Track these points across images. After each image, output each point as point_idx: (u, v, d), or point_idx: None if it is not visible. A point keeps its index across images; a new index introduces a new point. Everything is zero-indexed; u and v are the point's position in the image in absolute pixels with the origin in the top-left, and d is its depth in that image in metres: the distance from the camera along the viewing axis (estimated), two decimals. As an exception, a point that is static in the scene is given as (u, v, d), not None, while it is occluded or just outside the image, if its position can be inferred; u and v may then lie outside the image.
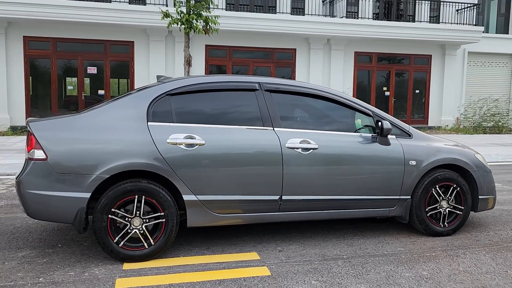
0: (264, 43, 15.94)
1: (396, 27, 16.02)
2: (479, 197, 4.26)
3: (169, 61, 15.20)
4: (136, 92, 3.68)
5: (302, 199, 3.78)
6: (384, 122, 3.88)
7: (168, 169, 3.45)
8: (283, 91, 3.92)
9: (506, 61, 18.69)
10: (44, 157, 3.30)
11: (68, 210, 3.34)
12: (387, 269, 3.39)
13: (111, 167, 3.34)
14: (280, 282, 3.14)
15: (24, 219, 4.64)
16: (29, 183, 3.30)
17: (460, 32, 16.55)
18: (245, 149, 3.63)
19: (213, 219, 3.63)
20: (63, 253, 3.66)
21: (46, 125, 3.42)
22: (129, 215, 3.42)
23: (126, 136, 3.43)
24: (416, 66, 17.51)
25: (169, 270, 3.32)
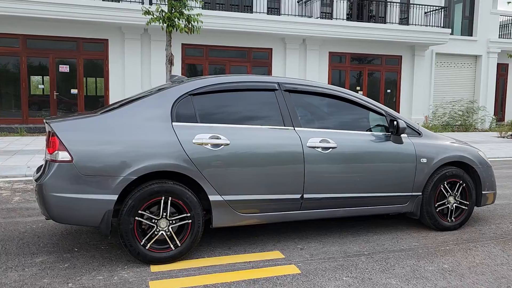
0: (241, 43, 15.95)
1: (368, 28, 16.41)
2: (482, 193, 4.47)
3: (145, 60, 14.95)
4: (158, 92, 3.63)
5: (322, 198, 3.84)
6: (399, 122, 4.01)
7: (194, 169, 3.43)
8: (301, 91, 3.97)
9: (470, 62, 19.53)
10: (69, 158, 3.20)
11: (95, 213, 3.25)
12: (410, 264, 3.51)
13: (138, 168, 3.29)
14: (312, 279, 3.18)
15: (27, 223, 4.48)
16: (54, 186, 3.20)
17: (429, 33, 17.15)
18: (269, 149, 3.65)
19: (238, 219, 3.64)
20: (83, 257, 3.56)
21: (70, 126, 3.32)
22: (155, 217, 3.37)
23: (152, 136, 3.38)
24: (388, 66, 18.01)
25: (199, 271, 3.30)
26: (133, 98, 3.74)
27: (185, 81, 3.75)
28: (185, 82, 3.73)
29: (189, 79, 3.82)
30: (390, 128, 4.09)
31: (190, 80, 3.76)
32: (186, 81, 3.75)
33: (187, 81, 3.75)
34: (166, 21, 10.47)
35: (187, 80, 3.77)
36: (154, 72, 14.96)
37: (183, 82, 3.74)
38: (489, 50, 19.25)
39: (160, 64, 15.00)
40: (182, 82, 3.74)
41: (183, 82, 3.73)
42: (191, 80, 3.75)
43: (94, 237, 4.05)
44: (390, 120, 4.09)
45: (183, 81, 3.80)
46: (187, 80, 3.76)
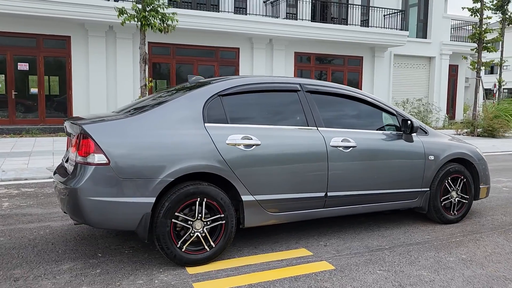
0: (208, 42, 15.87)
1: (331, 29, 16.84)
2: (480, 187, 4.79)
3: (110, 58, 14.52)
4: (186, 93, 3.60)
5: (344, 195, 3.97)
6: (413, 121, 4.22)
7: (228, 170, 3.45)
8: (321, 92, 4.08)
9: (425, 63, 20.54)
10: (106, 161, 3.12)
11: (132, 216, 3.19)
12: (431, 255, 3.71)
13: (175, 170, 3.26)
14: (349, 274, 3.30)
15: (32, 230, 4.29)
16: (90, 190, 3.10)
17: (388, 35, 17.86)
18: (296, 149, 3.73)
19: (267, 218, 3.69)
20: (111, 262, 3.48)
21: (104, 128, 3.23)
22: (191, 218, 3.36)
23: (188, 138, 3.37)
24: (350, 66, 18.58)
25: (237, 271, 3.33)
26: (159, 100, 3.70)
27: (212, 82, 3.74)
28: (213, 82, 3.72)
29: (218, 79, 3.82)
30: (403, 127, 4.30)
31: (218, 81, 3.76)
32: (214, 81, 3.75)
33: (214, 81, 3.75)
34: (141, 20, 10.24)
35: (214, 81, 3.77)
36: (121, 71, 14.58)
37: (211, 83, 3.73)
38: (441, 52, 20.32)
39: (126, 62, 14.65)
40: (210, 83, 3.73)
41: (211, 83, 3.72)
42: (219, 81, 3.75)
43: (112, 241, 3.96)
44: (403, 120, 4.30)
45: (210, 82, 3.78)
46: (215, 81, 3.76)
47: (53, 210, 5.07)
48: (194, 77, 4.17)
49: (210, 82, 3.75)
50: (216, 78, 4.01)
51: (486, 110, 15.84)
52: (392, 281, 3.19)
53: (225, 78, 3.85)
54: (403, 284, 3.14)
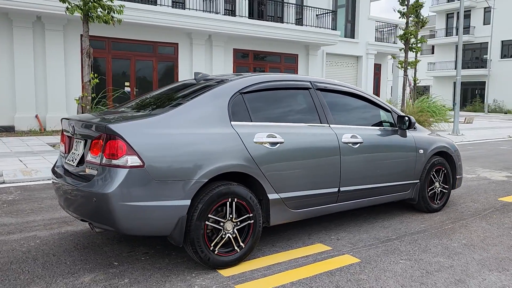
0: (146, 36, 15.32)
1: (268, 27, 17.11)
2: (456, 177, 5.20)
3: (39, 52, 13.42)
4: (209, 90, 3.48)
5: (353, 190, 4.10)
6: (411, 117, 4.46)
7: (256, 169, 3.40)
8: (329, 90, 4.17)
9: (352, 62, 21.65)
10: (140, 163, 2.93)
11: (167, 221, 3.03)
12: (437, 243, 3.97)
13: (209, 170, 3.15)
14: (377, 265, 3.43)
15: (20, 241, 3.89)
16: (123, 195, 2.89)
17: (322, 35, 18.56)
18: (314, 146, 3.79)
19: (289, 216, 3.71)
20: (133, 270, 3.27)
21: (134, 128, 3.02)
22: (222, 220, 3.27)
23: (218, 137, 3.27)
24: (286, 64, 19.01)
25: (271, 270, 3.30)
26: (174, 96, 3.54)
27: (231, 79, 3.65)
28: (232, 79, 3.64)
29: (238, 76, 3.73)
30: (399, 123, 4.53)
31: (235, 78, 3.67)
32: (235, 78, 3.66)
33: (235, 78, 3.66)
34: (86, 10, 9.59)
35: (232, 78, 3.68)
36: (51, 66, 13.55)
37: (230, 80, 3.64)
38: (367, 52, 21.56)
39: (57, 57, 13.65)
40: (229, 80, 3.64)
41: (230, 80, 3.63)
42: (237, 78, 3.67)
43: (120, 248, 3.72)
44: (399, 116, 4.53)
45: (228, 79, 3.69)
46: (236, 78, 3.67)
47: (27, 218, 4.63)
48: (201, 74, 4.05)
49: (228, 80, 3.66)
50: (229, 75, 3.93)
51: (409, 105, 17.11)
52: (418, 269, 3.37)
53: (242, 75, 3.79)
54: (429, 271, 3.33)
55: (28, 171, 7.06)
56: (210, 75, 4.09)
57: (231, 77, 3.75)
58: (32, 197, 5.64)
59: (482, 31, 38.17)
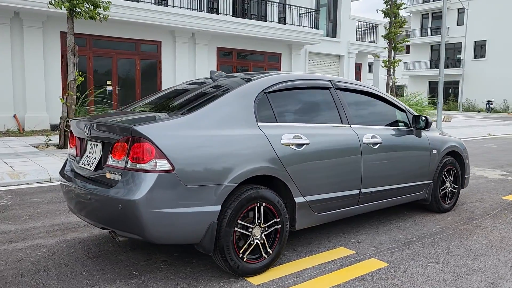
0: (128, 34, 14.93)
1: (252, 25, 16.95)
2: (465, 176, 5.20)
3: (16, 49, 12.86)
4: (232, 90, 3.31)
5: (373, 191, 4.01)
6: (428, 117, 4.41)
7: (284, 171, 3.27)
8: (347, 89, 4.06)
9: (334, 61, 21.73)
10: (170, 168, 2.74)
11: (197, 228, 2.86)
12: (458, 244, 3.92)
13: (239, 174, 2.99)
14: (407, 269, 3.34)
15: (23, 251, 3.64)
16: (153, 201, 2.70)
17: (305, 33, 18.54)
18: (338, 147, 3.68)
19: (314, 220, 3.59)
20: (157, 280, 3.08)
21: (162, 130, 2.83)
22: (251, 225, 3.12)
23: (246, 138, 3.11)
24: (269, 63, 18.90)
25: (301, 277, 3.17)
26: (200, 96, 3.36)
27: (253, 78, 3.50)
28: (255, 78, 3.48)
29: (260, 75, 3.57)
30: (414, 123, 4.48)
31: (261, 77, 3.52)
32: (254, 77, 3.51)
33: (257, 78, 3.51)
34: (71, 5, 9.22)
35: (254, 77, 3.52)
36: (29, 63, 13.01)
37: (253, 79, 3.48)
38: (349, 51, 21.69)
39: (36, 54, 13.11)
40: (251, 79, 3.48)
41: (253, 79, 3.47)
42: (262, 77, 3.52)
43: (135, 256, 3.52)
44: (415, 116, 4.48)
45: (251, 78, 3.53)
46: (258, 77, 3.52)
47: (27, 225, 4.35)
48: (217, 73, 3.88)
49: (251, 79, 3.50)
50: (247, 74, 3.78)
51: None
52: (449, 272, 3.31)
53: (263, 74, 3.64)
54: (460, 274, 3.27)
55: (16, 174, 6.71)
56: (225, 74, 3.93)
57: (252, 76, 3.60)
58: (25, 202, 5.34)
59: (456, 31, 39.08)
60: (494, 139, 14.30)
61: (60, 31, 13.74)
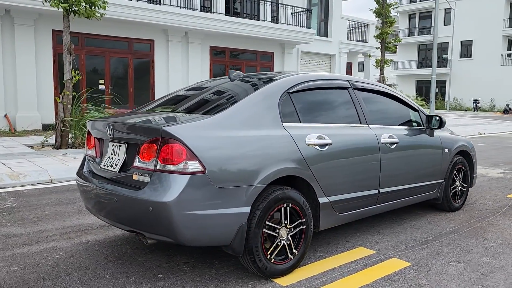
0: (121, 32, 14.77)
1: (245, 24, 16.92)
2: (473, 175, 5.25)
3: (7, 48, 12.64)
4: (257, 90, 3.28)
5: (390, 191, 4.03)
6: (442, 117, 4.43)
7: (309, 172, 3.25)
8: (364, 89, 4.06)
9: (326, 60, 21.82)
10: (202, 169, 2.70)
11: (228, 230, 2.83)
12: (475, 243, 3.96)
13: (268, 175, 2.97)
14: (430, 268, 3.36)
15: (40, 254, 3.56)
16: (185, 203, 2.66)
17: (297, 33, 18.57)
18: (358, 147, 3.68)
19: (336, 220, 3.59)
20: (183, 282, 3.04)
21: (192, 130, 2.78)
22: (278, 226, 3.10)
23: (273, 139, 3.09)
24: (262, 62, 18.89)
25: (327, 278, 3.16)
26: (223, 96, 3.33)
27: (275, 78, 3.47)
28: (277, 78, 3.46)
29: (282, 75, 3.55)
30: (427, 123, 4.50)
31: (283, 77, 3.50)
32: (277, 77, 3.48)
33: (277, 77, 3.48)
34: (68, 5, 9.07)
35: (276, 77, 3.50)
36: (21, 62, 12.78)
37: (275, 79, 3.46)
38: (340, 50, 21.79)
39: (27, 52, 12.89)
40: (273, 79, 3.46)
41: (275, 79, 3.45)
42: (284, 77, 3.50)
43: (156, 258, 3.47)
44: (429, 116, 4.50)
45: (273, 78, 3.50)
46: (280, 77, 3.49)
47: (37, 227, 4.27)
48: (235, 73, 3.84)
49: (273, 79, 3.48)
50: (266, 74, 3.75)
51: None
52: (472, 271, 3.33)
53: (287, 74, 3.61)
54: (484, 273, 3.30)
55: (16, 175, 6.58)
56: (243, 74, 3.89)
57: (273, 76, 3.57)
58: (31, 203, 5.23)
59: (443, 31, 39.51)
60: (486, 137, 14.52)
61: (52, 29, 13.54)
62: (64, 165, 7.40)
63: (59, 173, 6.94)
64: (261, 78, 3.59)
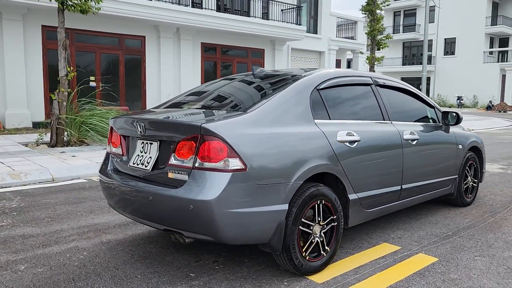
0: (112, 28, 14.53)
1: (236, 21, 16.82)
2: (483, 171, 5.33)
3: (-4, 43, 12.32)
4: (288, 86, 3.25)
5: (411, 187, 4.06)
6: (458, 113, 4.48)
7: (340, 169, 3.25)
8: (386, 86, 4.08)
9: (315, 57, 21.88)
10: (243, 167, 2.67)
11: (267, 227, 2.81)
12: (494, 237, 4.02)
13: (304, 172, 2.95)
14: (458, 263, 3.39)
15: (63, 254, 3.48)
16: (228, 201, 2.63)
17: (288, 29, 18.56)
18: (383, 143, 3.69)
19: (364, 216, 3.59)
20: (217, 281, 3.00)
21: (232, 127, 2.75)
22: (312, 223, 3.09)
23: (307, 136, 3.07)
24: (253, 58, 18.83)
25: (360, 274, 3.17)
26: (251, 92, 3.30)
27: (303, 75, 3.46)
28: (305, 75, 3.44)
29: (311, 72, 3.53)
30: (443, 119, 4.55)
31: (311, 73, 3.48)
32: (308, 74, 3.46)
33: (308, 74, 3.46)
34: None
35: (308, 74, 3.48)
36: (9, 59, 12.48)
37: (304, 75, 3.44)
38: (330, 47, 21.87)
39: (16, 48, 12.59)
40: (301, 76, 3.44)
41: (304, 75, 3.43)
42: (312, 73, 3.48)
43: (184, 258, 3.43)
44: (445, 112, 4.55)
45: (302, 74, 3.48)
46: (309, 74, 3.48)
47: (52, 227, 4.18)
48: (259, 69, 3.82)
49: (302, 75, 3.46)
50: (291, 70, 3.73)
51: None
52: (498, 265, 3.38)
53: (314, 70, 3.60)
54: (511, 267, 3.35)
55: (17, 174, 6.42)
56: (266, 70, 3.87)
57: (299, 73, 3.56)
58: (38, 203, 5.11)
59: (427, 29, 40.01)
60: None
61: (42, 24, 13.27)
62: (64, 163, 7.26)
63: (60, 171, 6.80)
64: (287, 74, 3.56)
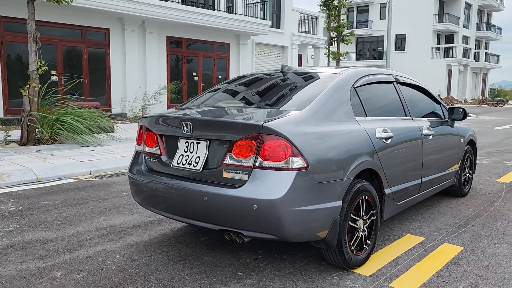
0: (74, 20, 13.93)
1: (201, 14, 16.62)
2: (476, 162, 5.64)
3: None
4: (329, 84, 3.29)
5: (428, 180, 4.23)
6: (465, 109, 4.70)
7: (379, 164, 3.34)
8: (404, 83, 4.22)
9: (279, 52, 22.06)
10: (305, 165, 2.68)
11: (325, 224, 2.84)
12: (503, 225, 4.27)
13: (354, 169, 3.01)
14: (483, 251, 3.59)
15: (95, 258, 3.34)
16: (293, 200, 2.63)
17: (253, 24, 18.58)
18: (410, 139, 3.83)
19: (394, 209, 3.71)
20: (267, 278, 3.00)
21: (292, 126, 2.74)
22: (357, 218, 3.16)
23: (352, 133, 3.13)
24: (218, 53, 18.69)
25: (402, 265, 3.27)
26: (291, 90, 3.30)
27: (340, 73, 3.50)
28: (342, 73, 3.49)
29: (346, 69, 3.57)
30: (450, 115, 4.76)
31: (345, 71, 3.53)
32: (343, 72, 3.51)
33: (344, 72, 3.51)
34: (34, -11, 8.39)
35: (344, 71, 3.52)
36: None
37: (339, 73, 3.49)
38: (292, 42, 22.12)
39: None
40: (337, 74, 3.48)
41: (339, 73, 3.48)
42: (346, 71, 3.53)
43: (222, 256, 3.39)
44: (451, 108, 4.76)
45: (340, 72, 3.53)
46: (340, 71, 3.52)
47: (68, 231, 4.00)
48: (287, 67, 3.82)
49: (338, 73, 3.50)
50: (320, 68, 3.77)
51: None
52: (519, 251, 3.62)
53: (346, 68, 3.66)
54: (530, 252, 3.60)
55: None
56: (292, 67, 3.88)
57: (333, 70, 3.60)
58: (36, 205, 4.85)
59: (379, 25, 41.45)
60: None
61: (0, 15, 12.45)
62: (46, 163, 6.91)
63: (45, 171, 6.47)
64: (319, 72, 3.59)
